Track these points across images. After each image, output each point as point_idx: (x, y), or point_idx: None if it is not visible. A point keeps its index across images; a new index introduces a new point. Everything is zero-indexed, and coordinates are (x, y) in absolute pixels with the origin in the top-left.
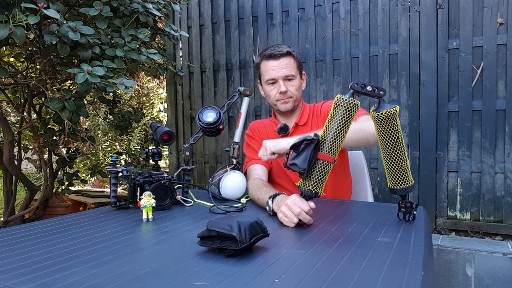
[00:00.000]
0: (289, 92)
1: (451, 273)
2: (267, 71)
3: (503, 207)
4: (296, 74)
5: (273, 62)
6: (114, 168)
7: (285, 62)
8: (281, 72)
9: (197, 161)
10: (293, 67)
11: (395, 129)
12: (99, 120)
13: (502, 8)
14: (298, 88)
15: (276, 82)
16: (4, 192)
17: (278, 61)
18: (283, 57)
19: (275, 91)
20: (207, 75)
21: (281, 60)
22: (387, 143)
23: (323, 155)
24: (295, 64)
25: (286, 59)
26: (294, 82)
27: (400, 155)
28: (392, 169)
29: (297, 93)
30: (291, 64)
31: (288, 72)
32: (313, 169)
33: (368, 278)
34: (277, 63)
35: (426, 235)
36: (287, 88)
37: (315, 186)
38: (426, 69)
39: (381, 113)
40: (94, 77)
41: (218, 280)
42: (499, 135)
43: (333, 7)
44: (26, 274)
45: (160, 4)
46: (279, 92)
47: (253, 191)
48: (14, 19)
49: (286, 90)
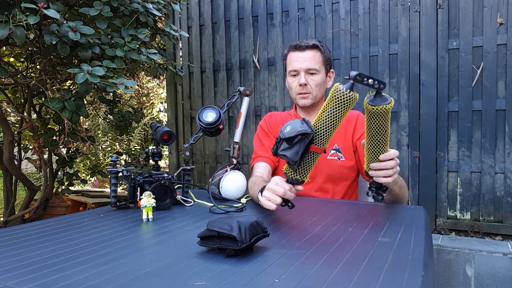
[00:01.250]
0: (308, 86)
1: (451, 273)
2: (291, 62)
3: (503, 207)
4: (321, 69)
5: (298, 54)
6: (114, 168)
7: (310, 55)
8: (304, 64)
9: (197, 161)
10: (317, 61)
11: (385, 123)
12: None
13: (502, 8)
14: (319, 84)
15: (298, 74)
16: (4, 192)
17: (303, 53)
18: (308, 50)
19: (296, 83)
20: (207, 75)
21: (306, 53)
22: (375, 135)
23: (315, 147)
24: (321, 59)
25: (312, 52)
26: (316, 77)
27: (384, 145)
28: (372, 155)
29: (317, 89)
30: (316, 58)
31: (311, 65)
32: (302, 159)
33: (368, 278)
34: (301, 54)
35: (426, 235)
36: (307, 82)
37: (302, 175)
38: (426, 69)
39: (376, 108)
40: (94, 77)
41: (218, 280)
42: (499, 135)
43: (333, 7)
44: (26, 274)
45: (160, 4)
46: (299, 84)
47: (250, 188)
48: (14, 19)
49: (306, 83)
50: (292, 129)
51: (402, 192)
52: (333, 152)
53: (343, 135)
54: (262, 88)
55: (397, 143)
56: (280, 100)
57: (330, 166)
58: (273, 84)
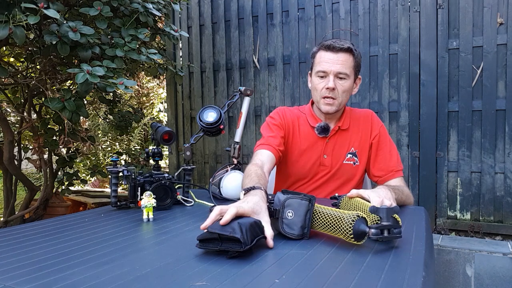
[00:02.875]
0: (336, 91)
1: (451, 273)
2: (321, 62)
3: (503, 207)
4: (351, 75)
5: (330, 55)
6: (115, 168)
7: (342, 58)
8: (335, 67)
9: (197, 161)
10: (349, 66)
11: None
12: (99, 120)
13: (502, 8)
14: (347, 90)
15: (327, 76)
16: (4, 192)
17: (335, 55)
18: (342, 52)
19: (323, 85)
20: (207, 75)
21: (339, 55)
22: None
23: None
24: (353, 64)
25: (345, 55)
26: (345, 82)
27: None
28: None
29: (343, 96)
30: (348, 62)
31: (343, 69)
32: None
33: (369, 278)
34: (333, 56)
35: (427, 236)
36: (336, 86)
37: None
38: (426, 69)
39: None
40: (94, 77)
41: (219, 281)
42: (499, 135)
43: (333, 7)
44: (26, 274)
45: (160, 4)
46: (326, 88)
47: (243, 177)
48: (14, 19)
49: (334, 88)
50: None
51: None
52: (350, 156)
53: (359, 137)
54: (262, 88)
55: (397, 143)
56: (280, 100)
57: (345, 171)
58: (273, 84)
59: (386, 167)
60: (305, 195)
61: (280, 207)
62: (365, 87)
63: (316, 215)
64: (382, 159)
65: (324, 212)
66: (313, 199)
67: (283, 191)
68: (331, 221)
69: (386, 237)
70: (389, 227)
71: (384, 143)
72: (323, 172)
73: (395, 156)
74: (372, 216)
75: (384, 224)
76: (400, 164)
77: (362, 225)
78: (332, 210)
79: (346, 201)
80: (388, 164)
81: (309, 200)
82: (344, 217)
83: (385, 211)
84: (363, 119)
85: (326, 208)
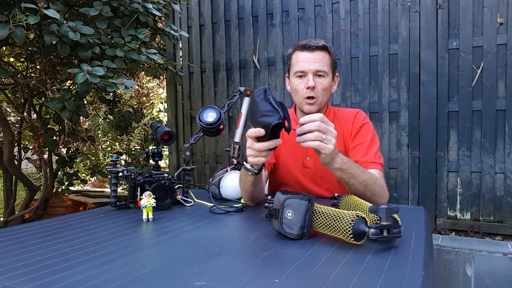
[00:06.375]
0: (316, 90)
1: (451, 273)
2: (298, 62)
3: (503, 207)
4: (329, 72)
5: (306, 54)
6: (115, 168)
7: (319, 56)
8: (313, 65)
9: (197, 161)
10: (326, 64)
11: None
12: (99, 120)
13: (502, 8)
14: (326, 88)
15: (305, 76)
16: (4, 192)
17: (311, 54)
18: (318, 50)
19: (303, 85)
20: (207, 75)
21: (315, 53)
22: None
23: None
24: (330, 61)
25: (321, 53)
26: (324, 80)
27: None
28: None
29: (323, 94)
30: (325, 60)
31: (320, 67)
32: None
33: (368, 278)
34: (310, 55)
35: (427, 236)
36: (316, 85)
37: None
38: (426, 69)
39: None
40: (94, 77)
41: (218, 280)
42: (499, 135)
43: (333, 7)
44: (26, 274)
45: (160, 4)
46: (307, 87)
47: (239, 181)
48: (14, 19)
49: (314, 86)
50: None
51: (376, 192)
52: None
53: (341, 136)
54: None
55: (397, 143)
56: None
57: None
58: (273, 84)
59: (361, 157)
60: (304, 195)
61: (279, 207)
62: (365, 87)
63: (316, 215)
64: (359, 151)
65: (323, 212)
66: (312, 199)
67: (282, 191)
68: (330, 221)
69: (386, 237)
70: (388, 227)
71: (364, 136)
72: (308, 175)
73: (374, 150)
74: (372, 216)
75: (384, 224)
76: (380, 158)
77: (361, 225)
78: (331, 210)
79: (346, 201)
80: (364, 155)
81: (308, 200)
82: (344, 217)
83: (385, 210)
84: (346, 118)
85: (326, 208)
